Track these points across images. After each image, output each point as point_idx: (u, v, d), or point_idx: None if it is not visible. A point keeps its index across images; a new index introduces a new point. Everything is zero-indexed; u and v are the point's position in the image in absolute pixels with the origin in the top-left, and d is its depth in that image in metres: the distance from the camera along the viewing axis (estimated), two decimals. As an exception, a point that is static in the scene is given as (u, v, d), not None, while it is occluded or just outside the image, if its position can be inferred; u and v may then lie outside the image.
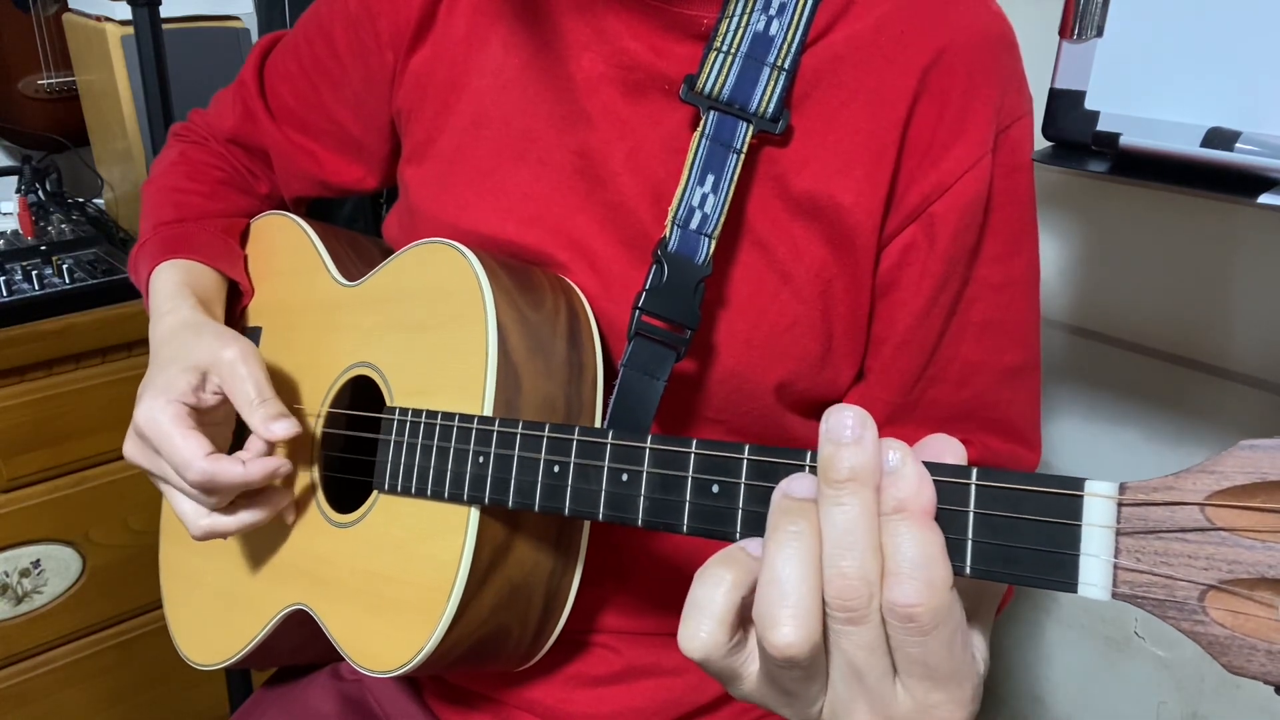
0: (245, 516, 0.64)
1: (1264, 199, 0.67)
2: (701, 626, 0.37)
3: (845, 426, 0.35)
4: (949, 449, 0.38)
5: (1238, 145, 0.68)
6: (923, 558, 0.34)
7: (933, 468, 0.36)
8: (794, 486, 0.37)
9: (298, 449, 0.70)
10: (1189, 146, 0.70)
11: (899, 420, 0.65)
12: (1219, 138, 0.69)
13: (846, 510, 0.35)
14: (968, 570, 0.36)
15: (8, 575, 1.14)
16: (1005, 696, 1.17)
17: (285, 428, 0.62)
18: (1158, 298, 0.95)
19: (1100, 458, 1.04)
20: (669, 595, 0.69)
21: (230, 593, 0.73)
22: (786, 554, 0.36)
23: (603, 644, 0.70)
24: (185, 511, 0.64)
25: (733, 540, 0.42)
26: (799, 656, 0.35)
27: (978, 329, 0.63)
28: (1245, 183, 0.68)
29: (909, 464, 0.35)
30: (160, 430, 0.61)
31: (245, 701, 0.81)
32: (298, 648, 0.74)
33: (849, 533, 0.35)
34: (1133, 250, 0.96)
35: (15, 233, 1.25)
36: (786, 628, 0.35)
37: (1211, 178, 0.70)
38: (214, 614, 0.75)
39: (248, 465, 0.61)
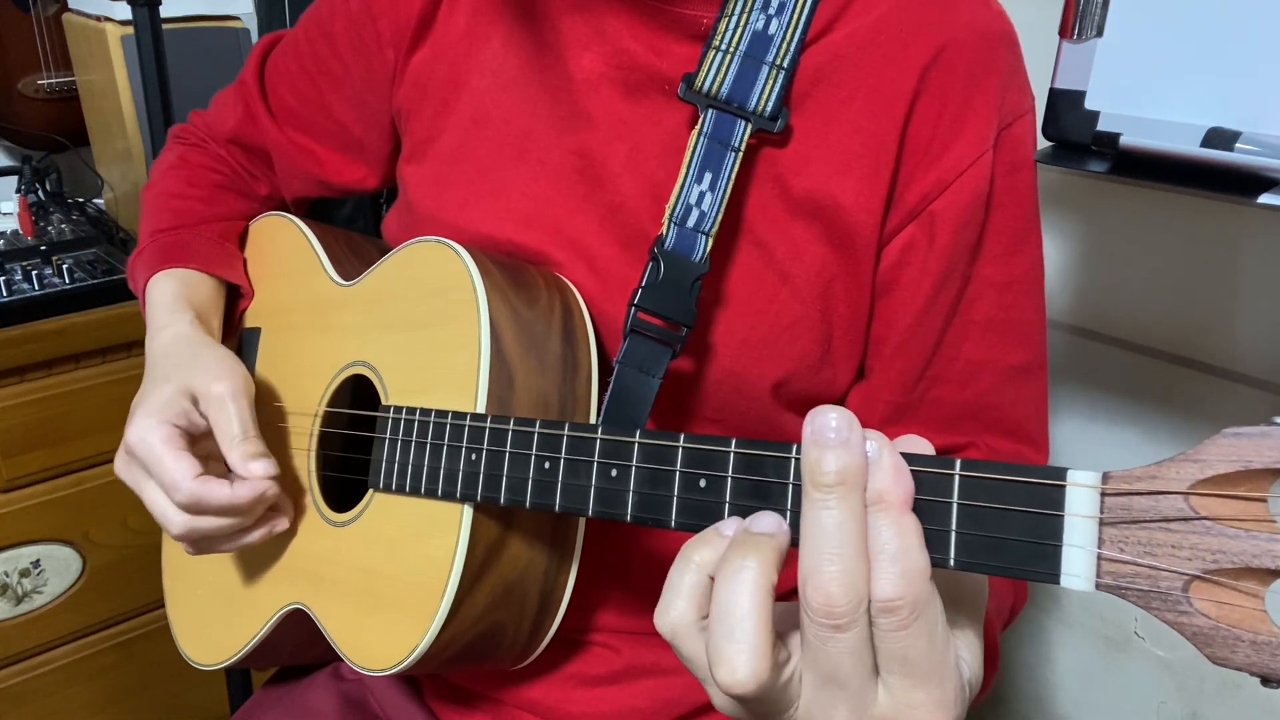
0: (236, 539, 0.64)
1: (1264, 199, 0.67)
2: (673, 605, 0.38)
3: (829, 429, 0.35)
4: (917, 447, 0.37)
5: (1238, 145, 0.68)
6: (901, 548, 0.34)
7: (916, 459, 0.36)
8: (759, 523, 0.38)
9: (296, 449, 0.70)
10: (1189, 146, 0.70)
11: (901, 420, 0.65)
12: (1219, 138, 0.69)
13: (833, 514, 0.34)
14: (951, 562, 0.35)
15: (8, 575, 1.14)
16: (1005, 696, 1.17)
17: (263, 467, 0.62)
18: (1158, 298, 0.95)
19: (1101, 458, 1.04)
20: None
21: (229, 593, 0.73)
22: (735, 586, 0.36)
23: (603, 643, 0.69)
24: (175, 536, 0.63)
25: None
26: (746, 695, 0.35)
27: (981, 328, 0.63)
28: (1245, 183, 0.68)
29: (886, 454, 0.35)
30: (151, 451, 0.61)
31: (245, 701, 0.81)
32: (298, 647, 0.74)
33: (835, 537, 0.34)
34: (1133, 250, 0.96)
35: (15, 233, 1.25)
36: (735, 662, 0.35)
37: (1211, 178, 0.69)
38: (214, 614, 0.75)
39: (235, 487, 0.60)
